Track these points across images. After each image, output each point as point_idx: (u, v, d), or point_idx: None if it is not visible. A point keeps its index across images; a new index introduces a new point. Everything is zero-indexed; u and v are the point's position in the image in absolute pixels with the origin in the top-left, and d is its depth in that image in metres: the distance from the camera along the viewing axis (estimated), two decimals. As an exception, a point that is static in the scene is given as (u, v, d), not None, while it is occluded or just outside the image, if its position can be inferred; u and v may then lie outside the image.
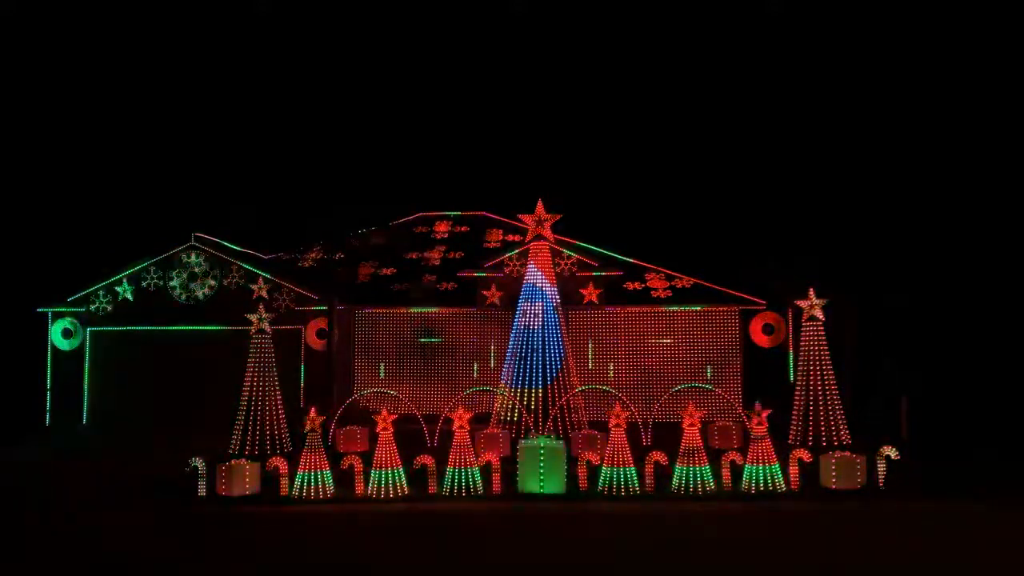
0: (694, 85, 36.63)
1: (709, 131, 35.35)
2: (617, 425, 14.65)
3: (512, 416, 19.11)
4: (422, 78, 39.72)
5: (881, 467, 14.52)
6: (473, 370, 23.96)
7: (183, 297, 23.65)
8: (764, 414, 14.83)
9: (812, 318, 17.23)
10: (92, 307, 23.83)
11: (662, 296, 23.97)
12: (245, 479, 14.75)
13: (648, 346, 23.67)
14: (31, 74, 34.85)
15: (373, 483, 14.55)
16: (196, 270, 23.69)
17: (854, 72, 33.89)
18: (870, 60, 33.67)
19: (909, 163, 30.98)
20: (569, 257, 23.93)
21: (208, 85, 36.85)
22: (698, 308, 23.66)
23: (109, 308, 23.82)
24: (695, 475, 14.41)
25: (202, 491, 14.63)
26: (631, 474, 14.44)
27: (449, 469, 14.68)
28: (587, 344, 23.69)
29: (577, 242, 25.06)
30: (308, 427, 14.79)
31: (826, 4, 34.67)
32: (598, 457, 14.91)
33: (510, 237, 27.62)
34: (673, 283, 24.45)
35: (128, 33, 36.20)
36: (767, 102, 34.98)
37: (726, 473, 14.64)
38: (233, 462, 15.08)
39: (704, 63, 36.62)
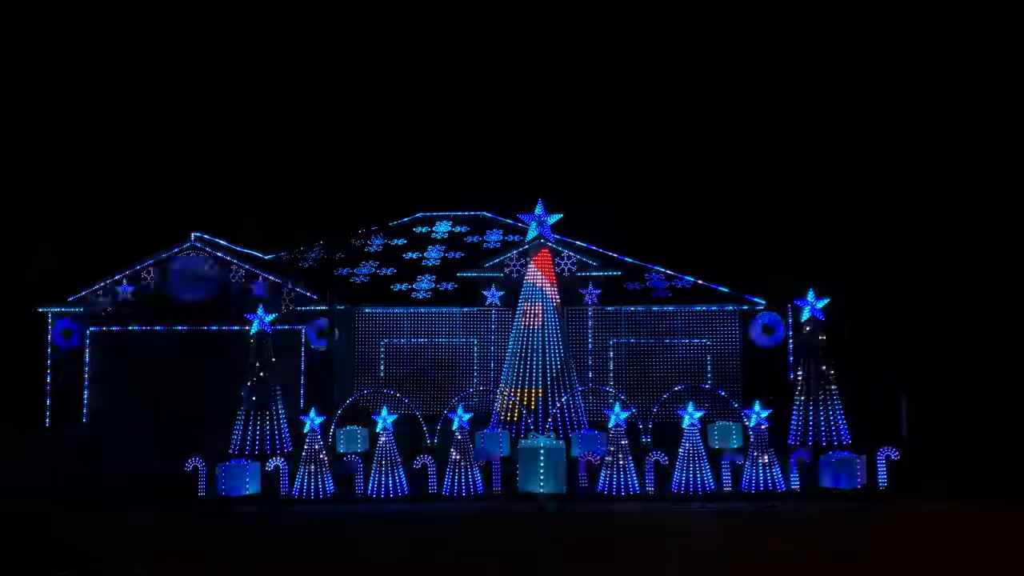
0: (693, 84, 36.63)
1: (709, 131, 35.35)
2: (617, 425, 14.64)
3: (512, 416, 19.11)
4: (420, 78, 39.73)
5: (881, 467, 14.53)
6: (473, 370, 23.95)
7: (183, 297, 23.63)
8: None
9: (812, 318, 17.24)
10: (92, 307, 23.81)
11: (662, 296, 23.97)
12: (245, 479, 14.75)
13: (648, 346, 23.65)
14: (31, 74, 34.85)
15: (373, 483, 14.55)
16: (196, 270, 23.68)
17: (853, 71, 33.89)
18: (869, 60, 33.67)
19: (909, 163, 30.98)
20: (569, 257, 23.92)
21: (208, 84, 36.85)
22: (698, 308, 23.64)
23: (109, 308, 23.80)
24: (695, 475, 14.42)
25: (202, 491, 14.63)
26: (631, 474, 14.44)
27: (448, 469, 14.67)
28: (587, 344, 23.68)
29: (577, 242, 25.06)
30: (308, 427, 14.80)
31: (826, 4, 34.68)
32: (598, 457, 14.91)
33: (510, 237, 27.62)
34: (673, 283, 24.44)
35: (128, 33, 36.20)
36: (767, 101, 34.98)
37: (726, 473, 14.64)
38: (233, 462, 15.09)
39: (703, 62, 36.62)
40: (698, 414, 14.76)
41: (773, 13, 34.14)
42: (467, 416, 15.01)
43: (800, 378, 17.24)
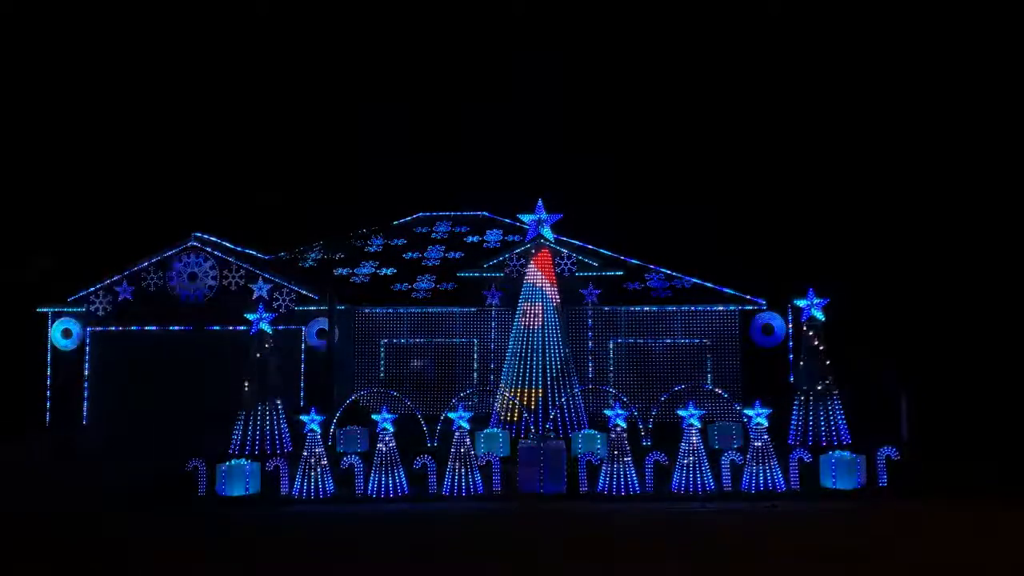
0: (693, 84, 36.63)
1: (709, 131, 35.35)
2: (617, 425, 14.65)
3: (512, 416, 19.11)
4: (420, 78, 39.72)
5: (881, 467, 14.54)
6: (473, 370, 23.94)
7: (183, 297, 23.62)
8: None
9: (812, 318, 17.25)
10: (92, 307, 23.81)
11: (662, 296, 23.96)
12: (245, 479, 14.75)
13: (648, 346, 23.65)
14: (31, 74, 34.85)
15: (373, 483, 14.56)
16: (196, 270, 23.68)
17: (853, 71, 33.89)
18: (868, 60, 33.68)
19: (909, 163, 30.99)
20: (569, 257, 23.92)
21: (209, 84, 36.86)
22: (698, 308, 23.64)
23: (109, 308, 23.80)
24: (695, 475, 14.42)
25: (202, 491, 14.63)
26: (631, 474, 14.45)
27: (449, 469, 14.68)
28: (587, 344, 23.67)
29: (577, 242, 25.05)
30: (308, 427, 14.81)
31: (826, 4, 34.70)
32: (598, 457, 14.91)
33: (510, 237, 27.62)
34: (673, 283, 24.43)
35: (128, 32, 36.21)
36: (766, 101, 34.98)
37: (726, 473, 14.65)
38: (233, 462, 15.09)
39: (703, 62, 36.63)
40: (698, 414, 14.76)
41: (773, 13, 34.15)
42: (467, 416, 15.01)
43: (800, 378, 17.26)
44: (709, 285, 24.23)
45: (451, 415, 15.05)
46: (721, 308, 23.61)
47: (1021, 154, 28.92)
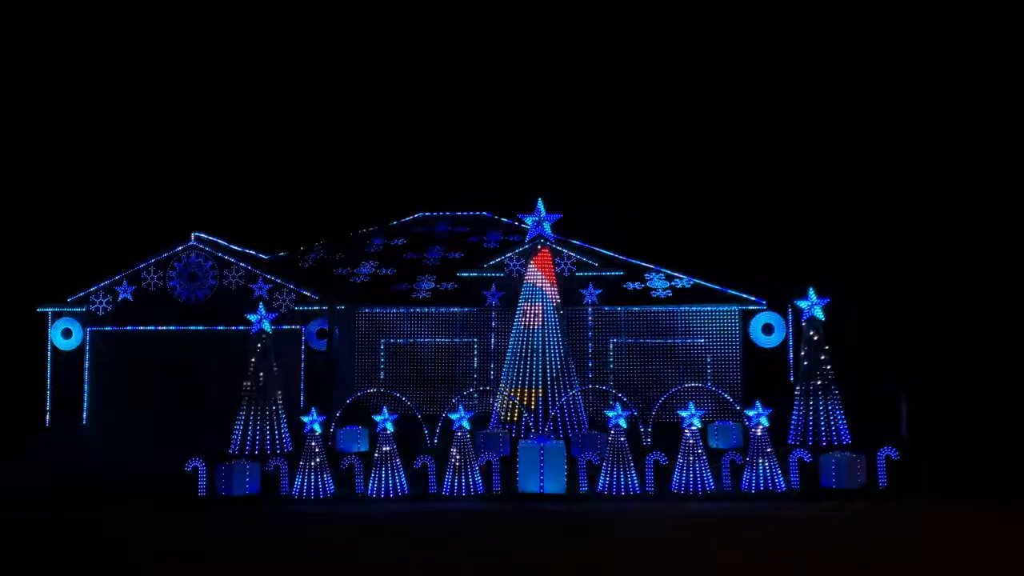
0: (693, 84, 36.62)
1: (709, 131, 35.34)
2: (617, 425, 14.65)
3: (512, 416, 19.12)
4: (420, 78, 39.71)
5: (881, 467, 14.54)
6: (473, 370, 23.94)
7: (183, 297, 23.63)
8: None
9: (812, 318, 17.25)
10: (92, 307, 23.82)
11: (662, 296, 23.96)
12: (245, 479, 14.75)
13: (648, 346, 23.65)
14: (32, 74, 34.85)
15: (373, 483, 14.56)
16: (196, 270, 23.68)
17: (853, 72, 33.90)
18: (868, 60, 33.69)
19: (909, 163, 30.99)
20: (569, 257, 23.92)
21: (209, 84, 36.85)
22: (698, 308, 23.64)
23: (109, 308, 23.81)
24: (695, 475, 14.42)
25: (202, 491, 14.64)
26: (631, 474, 14.45)
27: (449, 469, 14.68)
28: (587, 344, 23.67)
29: (577, 242, 25.06)
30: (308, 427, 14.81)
31: (825, 5, 34.72)
32: (598, 457, 14.92)
33: (510, 237, 27.62)
34: (673, 283, 24.43)
35: (129, 32, 36.21)
36: (767, 101, 34.98)
37: (726, 473, 14.65)
38: (233, 462, 15.09)
39: (703, 62, 36.63)
40: (698, 414, 14.76)
41: (772, 13, 34.17)
42: (467, 416, 15.01)
43: (800, 378, 17.27)
44: (709, 285, 24.22)
45: (451, 415, 15.05)
46: (721, 308, 23.61)
47: (1020, 155, 28.92)
